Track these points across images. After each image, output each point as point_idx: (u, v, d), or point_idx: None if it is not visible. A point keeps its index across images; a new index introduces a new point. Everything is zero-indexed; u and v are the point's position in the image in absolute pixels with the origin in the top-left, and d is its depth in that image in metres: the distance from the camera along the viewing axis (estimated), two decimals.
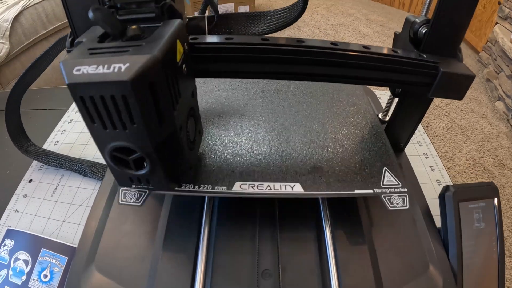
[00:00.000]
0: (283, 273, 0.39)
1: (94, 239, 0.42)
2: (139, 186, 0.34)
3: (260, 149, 0.44)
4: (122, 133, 0.27)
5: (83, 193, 0.58)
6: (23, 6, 1.66)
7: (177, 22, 0.30)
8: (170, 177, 0.33)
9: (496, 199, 0.46)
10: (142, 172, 0.31)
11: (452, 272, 0.42)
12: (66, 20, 0.33)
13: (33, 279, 0.47)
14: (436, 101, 2.05)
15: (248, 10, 2.67)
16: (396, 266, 0.41)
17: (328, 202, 0.45)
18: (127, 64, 0.24)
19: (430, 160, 0.66)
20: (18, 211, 0.55)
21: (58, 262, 0.47)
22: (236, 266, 0.40)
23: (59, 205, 0.56)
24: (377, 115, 0.60)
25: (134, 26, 0.29)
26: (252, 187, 0.39)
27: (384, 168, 0.44)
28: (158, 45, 0.26)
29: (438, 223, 0.46)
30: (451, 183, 0.53)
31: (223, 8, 2.57)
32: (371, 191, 0.41)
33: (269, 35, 0.51)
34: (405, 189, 0.42)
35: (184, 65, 0.32)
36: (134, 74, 0.23)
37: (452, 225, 0.44)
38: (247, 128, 0.48)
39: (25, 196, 0.58)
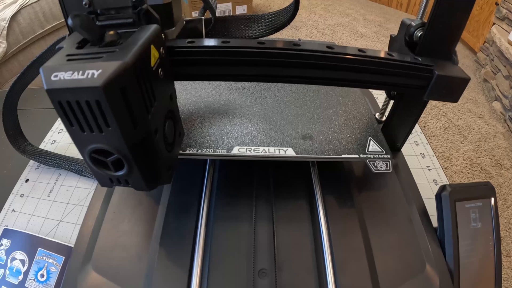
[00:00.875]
0: (279, 272, 0.39)
1: (91, 238, 0.42)
2: (119, 185, 0.35)
3: (257, 119, 0.49)
4: (99, 135, 0.28)
5: (80, 192, 0.57)
6: (20, 5, 1.65)
7: (152, 27, 0.31)
8: (148, 178, 0.33)
9: (492, 199, 0.46)
10: (121, 173, 0.32)
11: (449, 272, 0.42)
12: (64, 20, 0.33)
13: (30, 279, 0.46)
14: (433, 101, 2.06)
15: (245, 10, 2.66)
16: (392, 266, 0.41)
17: (323, 194, 0.47)
18: (100, 70, 0.25)
19: (427, 160, 0.67)
20: (15, 211, 0.55)
21: (55, 262, 0.47)
22: (232, 265, 0.40)
23: (56, 205, 0.56)
24: (374, 115, 0.60)
25: (111, 32, 0.30)
26: (249, 150, 0.44)
27: (369, 137, 0.48)
28: (130, 51, 0.27)
29: (435, 223, 0.46)
30: (448, 183, 0.53)
31: (220, 8, 2.57)
32: (356, 156, 0.45)
33: (268, 36, 0.52)
34: (389, 156, 0.46)
35: (160, 69, 0.33)
36: (105, 80, 0.24)
37: (448, 224, 0.44)
38: (245, 103, 0.52)
39: (22, 195, 0.58)
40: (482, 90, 2.25)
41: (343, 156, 0.45)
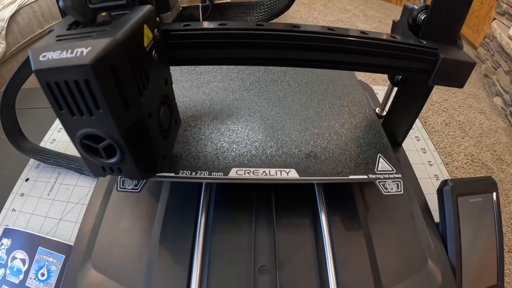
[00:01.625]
0: (280, 269, 0.39)
1: (91, 236, 0.42)
2: (112, 175, 0.33)
3: (256, 136, 0.45)
4: (89, 119, 0.27)
5: (80, 191, 0.57)
6: (19, 5, 1.65)
7: (146, 7, 0.30)
8: (142, 166, 0.33)
9: (494, 194, 0.46)
10: (113, 160, 0.31)
11: (451, 267, 0.42)
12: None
13: (31, 278, 0.46)
14: (434, 96, 2.05)
15: None
16: (394, 261, 0.41)
17: (325, 194, 0.45)
18: (89, 48, 0.24)
19: (428, 155, 0.66)
20: (15, 210, 0.55)
21: (55, 261, 0.47)
22: (232, 262, 0.39)
23: (56, 204, 0.56)
24: (374, 110, 0.59)
25: (103, 13, 0.29)
26: (248, 173, 0.40)
27: (379, 155, 0.44)
28: (121, 29, 0.26)
29: (437, 218, 0.46)
30: (449, 178, 0.52)
31: None
32: (365, 176, 0.42)
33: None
34: (399, 175, 0.43)
35: (154, 51, 0.32)
36: (94, 58, 0.23)
37: (450, 219, 0.43)
38: (243, 117, 0.48)
39: (22, 195, 0.57)
40: (483, 86, 2.24)
41: (350, 177, 0.42)
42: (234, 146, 0.43)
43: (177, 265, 0.38)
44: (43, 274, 0.46)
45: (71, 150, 0.65)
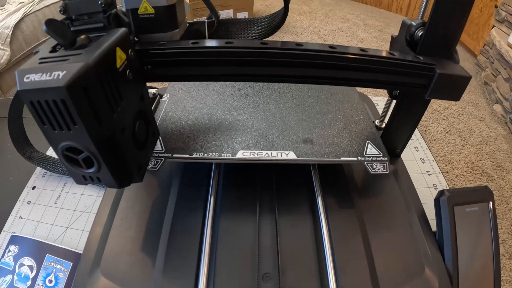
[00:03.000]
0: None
1: (99, 244, 0.43)
2: (92, 183, 0.36)
3: (259, 125, 0.52)
4: (68, 133, 0.30)
5: (87, 199, 0.59)
6: (24, 13, 1.67)
7: (120, 30, 0.33)
8: (119, 176, 0.35)
9: (491, 203, 0.47)
10: (91, 170, 0.33)
11: (448, 274, 0.43)
12: None
13: (38, 284, 0.47)
14: (434, 105, 2.06)
15: (246, 16, 2.68)
16: (392, 269, 0.42)
17: (324, 197, 0.48)
18: (64, 71, 0.27)
19: (427, 165, 0.67)
20: (22, 218, 0.56)
21: (63, 268, 0.48)
22: (237, 268, 0.41)
23: (63, 212, 0.57)
24: (374, 122, 0.61)
25: (83, 36, 0.32)
26: (253, 154, 0.46)
27: (367, 141, 0.50)
28: (94, 53, 0.29)
29: (434, 227, 0.47)
30: (448, 187, 0.54)
31: (222, 15, 2.58)
32: (355, 158, 0.47)
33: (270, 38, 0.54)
34: (386, 158, 0.48)
35: (128, 70, 0.34)
36: (68, 80, 0.26)
37: (447, 228, 0.44)
38: (248, 109, 0.54)
39: (28, 202, 0.59)
40: (483, 93, 2.25)
41: (342, 159, 0.46)
42: (240, 133, 0.50)
43: (184, 273, 0.39)
44: (50, 281, 0.48)
45: None
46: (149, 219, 0.46)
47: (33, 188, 0.61)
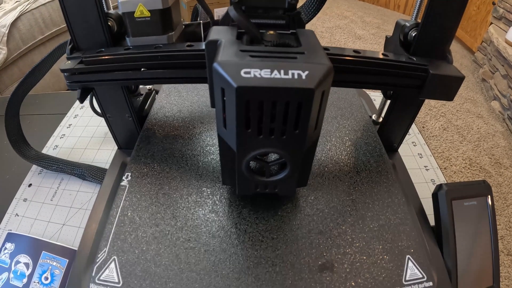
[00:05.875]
0: None
1: (95, 241, 0.42)
2: (264, 192, 0.34)
3: None
4: (277, 139, 0.27)
5: (83, 196, 0.58)
6: (20, 11, 1.66)
7: (311, 32, 0.31)
8: (300, 181, 0.34)
9: (489, 197, 0.47)
10: (279, 177, 0.31)
11: (446, 269, 0.42)
12: (64, 25, 0.34)
13: (34, 282, 0.47)
14: (432, 101, 2.06)
15: None
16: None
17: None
18: (306, 72, 0.24)
19: (425, 160, 0.67)
20: (18, 215, 0.56)
21: (59, 265, 0.48)
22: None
23: (59, 209, 0.56)
24: (371, 116, 0.60)
25: (271, 32, 0.29)
26: None
27: (407, 256, 0.37)
28: (323, 56, 0.26)
29: (432, 222, 0.47)
30: (445, 182, 0.53)
31: (218, 12, 2.58)
32: None
33: None
34: (430, 283, 0.35)
35: None
36: (317, 82, 0.24)
37: (445, 223, 0.44)
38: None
39: (25, 200, 0.58)
40: (481, 90, 2.26)
41: None
42: None
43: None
44: (46, 278, 0.47)
45: (74, 156, 0.66)
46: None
47: (29, 185, 0.61)
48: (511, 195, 1.53)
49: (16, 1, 1.73)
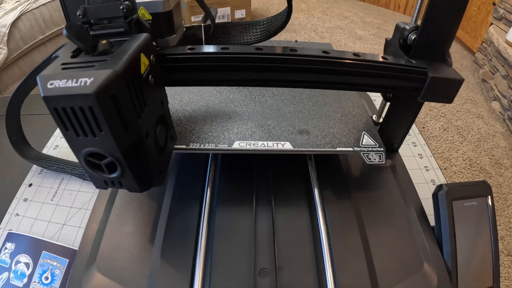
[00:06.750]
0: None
1: (95, 240, 0.42)
2: (113, 187, 0.36)
3: (256, 117, 0.51)
4: (92, 139, 0.29)
5: (83, 196, 0.58)
6: (21, 11, 1.66)
7: (142, 36, 0.33)
8: (141, 180, 0.35)
9: (489, 197, 0.47)
10: (114, 175, 0.33)
11: (447, 269, 0.43)
12: (64, 25, 0.34)
13: (35, 282, 0.47)
14: (432, 102, 2.06)
15: (244, 14, 2.67)
16: (390, 264, 0.42)
17: (321, 191, 0.48)
18: (92, 78, 0.26)
19: (425, 160, 0.67)
20: (18, 215, 0.56)
21: (59, 265, 0.48)
22: (234, 263, 0.40)
23: (59, 209, 0.56)
24: (371, 117, 0.61)
25: (104, 41, 0.31)
26: (249, 144, 0.46)
27: (363, 132, 0.50)
28: (120, 59, 0.28)
29: (432, 222, 0.47)
30: (445, 183, 0.53)
31: (220, 12, 2.58)
32: (351, 149, 0.47)
33: (267, 40, 0.53)
34: (382, 149, 0.48)
35: (150, 76, 0.34)
36: (97, 88, 0.26)
37: (445, 223, 0.44)
38: (245, 102, 0.54)
39: (25, 200, 0.58)
40: (481, 90, 2.26)
41: (338, 149, 0.46)
42: (237, 124, 0.49)
43: (180, 268, 0.39)
44: (47, 278, 0.47)
45: (74, 156, 0.65)
46: (145, 214, 0.46)
47: (30, 185, 0.61)
48: (511, 196, 1.53)
49: (17, 1, 1.73)
